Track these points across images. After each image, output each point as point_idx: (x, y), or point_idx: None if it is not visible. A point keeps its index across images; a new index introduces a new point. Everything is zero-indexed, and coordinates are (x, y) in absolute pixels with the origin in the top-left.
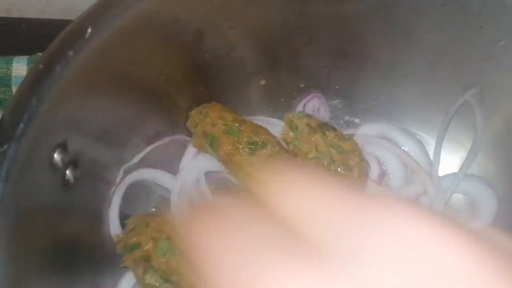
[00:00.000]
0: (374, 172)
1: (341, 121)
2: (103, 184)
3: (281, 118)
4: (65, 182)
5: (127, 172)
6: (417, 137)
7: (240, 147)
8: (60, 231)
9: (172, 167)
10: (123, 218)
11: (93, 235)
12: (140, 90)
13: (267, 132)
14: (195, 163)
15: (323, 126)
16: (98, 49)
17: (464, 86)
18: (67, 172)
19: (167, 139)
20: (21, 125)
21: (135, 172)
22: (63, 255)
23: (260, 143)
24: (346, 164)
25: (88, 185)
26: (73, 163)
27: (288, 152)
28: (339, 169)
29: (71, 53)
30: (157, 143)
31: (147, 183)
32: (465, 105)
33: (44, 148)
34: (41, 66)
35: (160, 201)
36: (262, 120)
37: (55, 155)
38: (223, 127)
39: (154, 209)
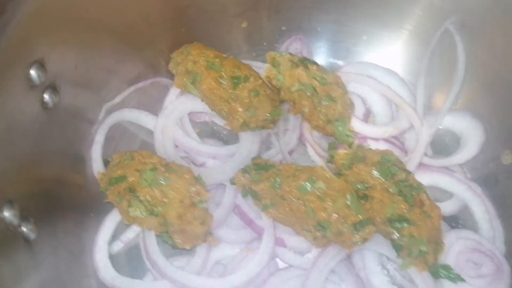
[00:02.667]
0: (359, 111)
1: (324, 64)
2: (84, 122)
3: (264, 62)
4: (44, 104)
5: (109, 111)
6: (401, 75)
7: (223, 81)
8: (42, 170)
9: (154, 109)
10: (106, 163)
11: (75, 176)
12: (119, 31)
13: (249, 67)
14: (178, 103)
15: (305, 61)
16: None
17: (444, 14)
18: (46, 95)
19: (149, 81)
20: None
21: (117, 112)
22: (46, 197)
23: (242, 77)
24: (330, 96)
25: (68, 118)
26: (52, 86)
27: (271, 88)
28: (322, 101)
29: None
30: (139, 84)
31: (129, 127)
32: (446, 35)
33: (20, 60)
34: None
35: (143, 146)
36: (245, 63)
37: (32, 71)
38: (205, 63)
39: None
